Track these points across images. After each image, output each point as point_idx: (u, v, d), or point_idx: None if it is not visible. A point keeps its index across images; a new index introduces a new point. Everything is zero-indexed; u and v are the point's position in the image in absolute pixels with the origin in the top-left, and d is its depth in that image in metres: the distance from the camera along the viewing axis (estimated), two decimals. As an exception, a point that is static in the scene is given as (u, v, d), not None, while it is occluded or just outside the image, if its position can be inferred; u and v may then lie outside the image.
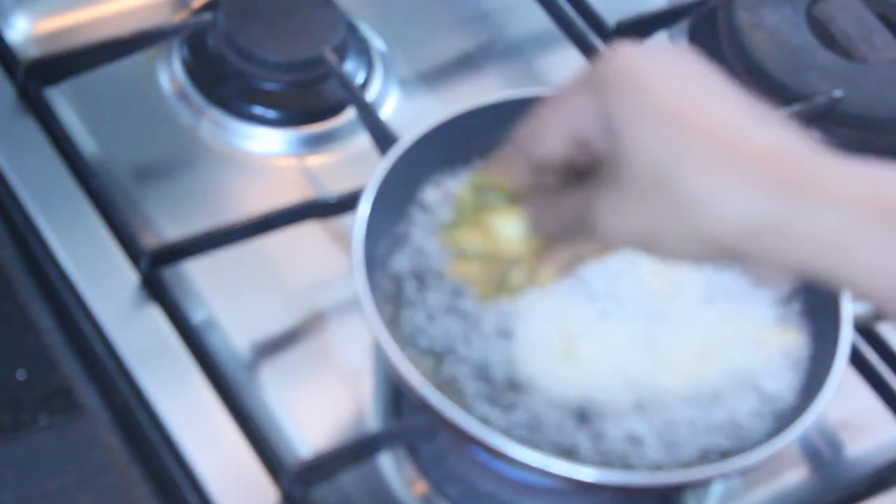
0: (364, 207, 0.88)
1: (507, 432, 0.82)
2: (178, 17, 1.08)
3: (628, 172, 0.65)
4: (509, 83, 1.10)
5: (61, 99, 1.02)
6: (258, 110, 1.03)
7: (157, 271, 0.92)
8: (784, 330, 0.90)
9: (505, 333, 0.86)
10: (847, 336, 0.87)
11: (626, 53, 0.67)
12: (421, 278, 0.89)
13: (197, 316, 0.92)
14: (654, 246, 0.67)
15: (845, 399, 0.89)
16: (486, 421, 0.82)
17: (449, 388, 0.84)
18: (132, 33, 1.03)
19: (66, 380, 0.87)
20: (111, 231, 0.94)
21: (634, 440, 0.83)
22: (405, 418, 0.89)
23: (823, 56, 1.12)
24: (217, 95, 1.04)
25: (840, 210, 0.63)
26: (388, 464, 0.88)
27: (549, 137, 0.69)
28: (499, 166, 0.72)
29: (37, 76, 1.00)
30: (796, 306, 0.91)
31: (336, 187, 0.97)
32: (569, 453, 0.82)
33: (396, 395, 0.90)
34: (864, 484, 0.91)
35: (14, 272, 0.92)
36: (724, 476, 0.86)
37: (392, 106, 1.07)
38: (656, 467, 0.83)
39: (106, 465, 0.84)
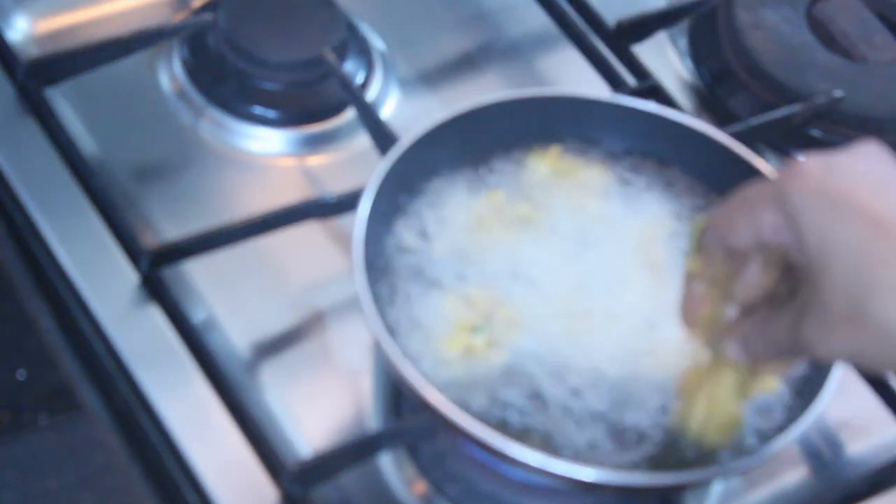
0: (364, 207, 0.88)
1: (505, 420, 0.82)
2: (178, 17, 1.08)
3: (825, 300, 0.68)
4: (509, 83, 1.10)
5: (61, 99, 1.02)
6: (258, 110, 1.03)
7: (157, 271, 0.92)
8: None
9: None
10: (847, 336, 0.87)
11: (813, 170, 0.69)
12: (420, 277, 0.89)
13: (197, 316, 0.92)
14: (869, 362, 0.69)
15: (845, 399, 0.89)
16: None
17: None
18: (132, 33, 1.03)
19: (66, 380, 0.87)
20: (111, 231, 0.94)
21: (634, 437, 0.83)
22: (405, 418, 0.89)
23: (823, 56, 1.12)
24: (217, 95, 1.04)
25: None
26: (388, 464, 0.88)
27: (739, 233, 0.72)
28: (700, 256, 0.76)
29: (37, 76, 1.00)
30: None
31: (336, 187, 0.97)
32: (566, 451, 0.82)
33: (396, 395, 0.90)
34: (864, 484, 0.91)
35: (14, 272, 0.92)
36: (724, 476, 0.86)
37: (392, 106, 1.07)
38: (656, 466, 0.83)
39: (106, 465, 0.84)
